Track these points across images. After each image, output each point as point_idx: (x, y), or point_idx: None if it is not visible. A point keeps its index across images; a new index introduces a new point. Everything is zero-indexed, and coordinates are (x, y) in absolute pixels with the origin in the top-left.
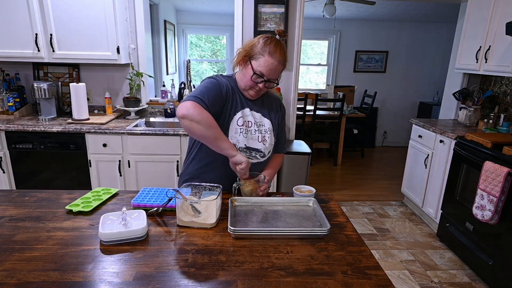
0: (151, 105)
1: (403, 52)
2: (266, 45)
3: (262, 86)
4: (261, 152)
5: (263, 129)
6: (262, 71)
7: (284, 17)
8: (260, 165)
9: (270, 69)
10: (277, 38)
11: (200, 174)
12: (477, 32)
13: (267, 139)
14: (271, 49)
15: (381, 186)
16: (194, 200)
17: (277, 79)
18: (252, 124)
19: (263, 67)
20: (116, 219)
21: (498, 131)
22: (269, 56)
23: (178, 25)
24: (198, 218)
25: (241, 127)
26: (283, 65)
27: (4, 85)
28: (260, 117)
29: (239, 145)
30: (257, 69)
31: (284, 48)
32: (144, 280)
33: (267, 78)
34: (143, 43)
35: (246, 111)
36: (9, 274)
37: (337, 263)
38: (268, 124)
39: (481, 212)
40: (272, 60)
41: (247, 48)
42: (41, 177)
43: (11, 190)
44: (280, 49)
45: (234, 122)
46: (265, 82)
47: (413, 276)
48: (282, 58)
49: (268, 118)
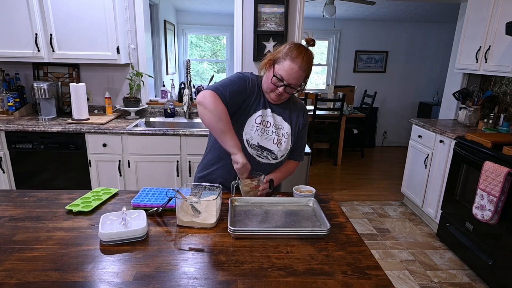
0: (151, 105)
1: (403, 52)
2: (290, 50)
3: (282, 90)
4: (274, 154)
5: (281, 132)
6: (282, 75)
7: (284, 17)
8: (271, 167)
9: (290, 74)
10: (304, 46)
11: (212, 165)
12: (477, 32)
13: (283, 143)
14: (293, 54)
15: (381, 186)
16: (194, 200)
17: (300, 85)
18: (271, 125)
19: (283, 71)
20: (116, 219)
21: (498, 131)
22: (290, 61)
23: (178, 25)
24: (198, 218)
25: (258, 125)
26: (305, 72)
27: (4, 85)
28: (280, 120)
29: (252, 142)
30: (278, 73)
31: (310, 55)
32: (144, 280)
33: (287, 82)
34: (143, 43)
35: (268, 111)
36: (9, 274)
37: (337, 263)
38: (287, 128)
39: (481, 212)
40: (293, 65)
41: (274, 52)
42: (41, 177)
43: (11, 190)
44: (303, 56)
45: (252, 119)
46: (285, 86)
47: (413, 276)
48: (304, 65)
49: (288, 123)
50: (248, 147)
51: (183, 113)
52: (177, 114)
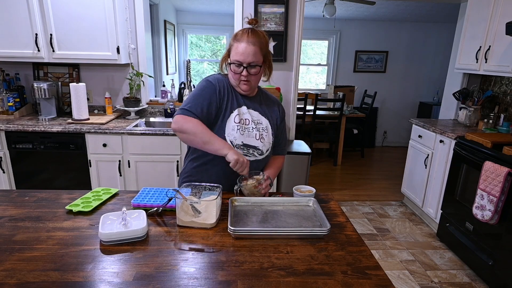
0: (151, 105)
1: (403, 52)
2: (235, 35)
3: (245, 73)
4: (259, 149)
5: (261, 127)
6: (237, 59)
7: (284, 17)
8: (259, 163)
9: (242, 52)
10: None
11: (198, 173)
12: (477, 32)
13: (265, 137)
14: (238, 36)
15: (381, 186)
16: (194, 200)
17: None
18: (250, 122)
19: (235, 53)
20: (116, 219)
21: (498, 131)
22: (237, 42)
23: (178, 25)
24: (198, 218)
25: (237, 124)
26: (256, 45)
27: (4, 85)
28: (258, 115)
29: (236, 142)
30: (233, 59)
31: (257, 31)
32: (144, 280)
33: (245, 63)
34: (143, 43)
35: (243, 109)
36: (9, 274)
37: (337, 263)
38: (266, 123)
39: (481, 212)
40: (241, 44)
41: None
42: (41, 177)
43: (11, 190)
44: (248, 33)
45: (231, 119)
46: (245, 68)
47: (413, 276)
48: (252, 39)
49: (266, 117)
50: (234, 148)
51: None
52: None
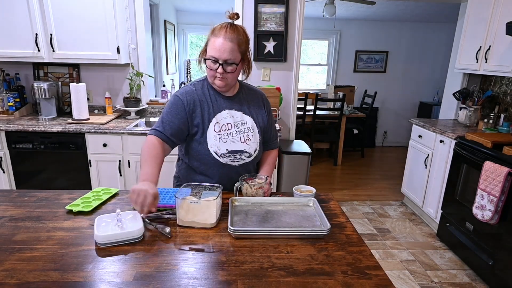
0: (151, 105)
1: (403, 52)
2: (212, 29)
3: (220, 70)
4: (246, 152)
5: (245, 127)
6: (213, 55)
7: (284, 17)
8: (249, 165)
9: (219, 49)
10: (228, 21)
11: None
12: (477, 32)
13: (251, 138)
14: (215, 31)
15: (381, 186)
16: (195, 200)
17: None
18: (232, 126)
19: (212, 49)
20: (110, 221)
21: (498, 131)
22: (214, 37)
23: (178, 25)
24: (198, 218)
25: (218, 133)
26: (234, 42)
27: (4, 85)
28: (241, 115)
29: (221, 151)
30: (209, 54)
31: (235, 26)
32: (144, 280)
33: (221, 60)
34: (143, 43)
35: (223, 114)
36: (9, 274)
37: (337, 263)
38: (250, 122)
39: (481, 212)
40: (218, 39)
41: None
42: (41, 177)
43: (11, 190)
44: (226, 28)
45: (210, 130)
46: (221, 65)
47: (413, 276)
48: (229, 35)
49: (249, 116)
50: (219, 157)
51: None
52: None
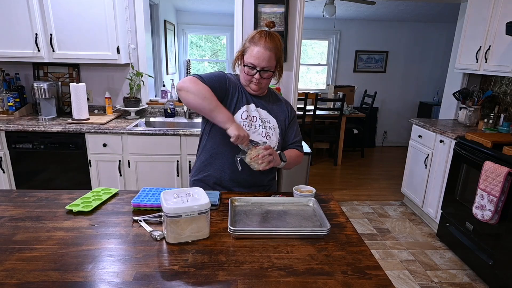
0: (151, 105)
1: (403, 52)
2: (252, 37)
3: (258, 76)
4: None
5: (268, 125)
6: (251, 62)
7: (284, 17)
8: None
9: (258, 57)
10: (265, 30)
11: (206, 166)
12: (477, 32)
13: (271, 136)
14: (255, 39)
15: (381, 186)
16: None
17: (276, 67)
18: (257, 119)
19: (251, 57)
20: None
21: (498, 131)
22: (254, 45)
23: (178, 25)
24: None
25: (244, 120)
26: (272, 51)
27: (4, 85)
28: (266, 114)
29: None
30: (247, 61)
31: (274, 36)
32: (144, 280)
33: (259, 67)
34: (143, 43)
35: (252, 106)
36: (9, 274)
37: (337, 263)
38: (273, 122)
39: (481, 212)
40: (258, 48)
41: (241, 47)
42: (41, 177)
43: (11, 190)
44: (266, 37)
45: (238, 115)
46: (259, 72)
47: (413, 276)
48: (269, 45)
49: (274, 117)
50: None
51: (183, 113)
52: (177, 114)
